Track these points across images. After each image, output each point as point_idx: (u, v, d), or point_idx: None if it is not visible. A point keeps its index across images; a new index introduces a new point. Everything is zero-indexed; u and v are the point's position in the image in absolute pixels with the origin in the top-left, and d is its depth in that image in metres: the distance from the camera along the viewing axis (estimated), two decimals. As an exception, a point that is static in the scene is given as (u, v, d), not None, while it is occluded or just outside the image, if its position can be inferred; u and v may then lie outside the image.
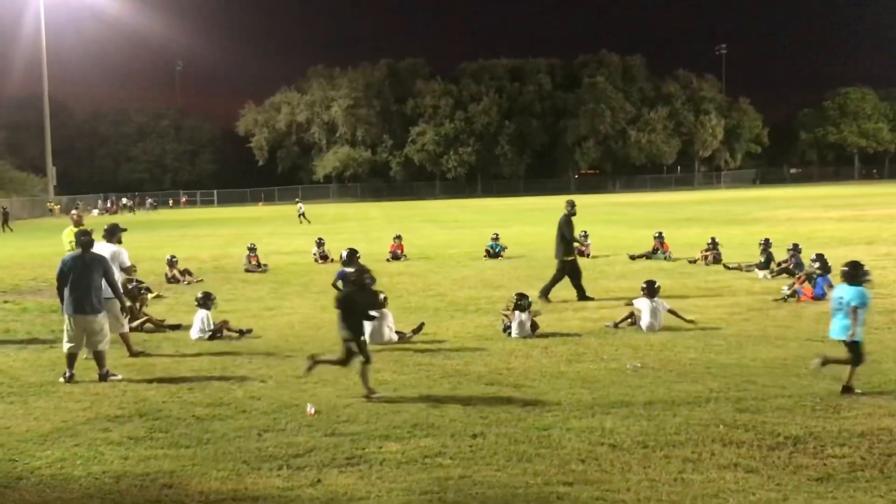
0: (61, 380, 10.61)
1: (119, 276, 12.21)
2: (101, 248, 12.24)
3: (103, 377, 10.66)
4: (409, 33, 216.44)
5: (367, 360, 9.58)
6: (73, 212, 14.10)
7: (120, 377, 10.71)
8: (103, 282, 11.15)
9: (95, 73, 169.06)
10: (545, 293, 16.65)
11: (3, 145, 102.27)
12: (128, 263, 12.55)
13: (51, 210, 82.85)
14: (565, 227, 17.03)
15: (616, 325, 13.40)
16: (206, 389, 10.08)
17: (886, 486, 6.46)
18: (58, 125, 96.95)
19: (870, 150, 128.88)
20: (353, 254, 13.29)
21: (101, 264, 11.19)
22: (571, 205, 17.22)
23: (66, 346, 10.92)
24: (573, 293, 16.98)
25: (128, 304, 12.72)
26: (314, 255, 26.34)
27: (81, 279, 10.89)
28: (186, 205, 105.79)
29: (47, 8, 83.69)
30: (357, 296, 9.88)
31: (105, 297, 11.25)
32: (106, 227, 13.10)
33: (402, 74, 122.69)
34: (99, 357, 10.89)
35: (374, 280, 10.29)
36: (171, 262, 21.93)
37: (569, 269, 16.97)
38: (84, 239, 11.29)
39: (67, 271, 10.97)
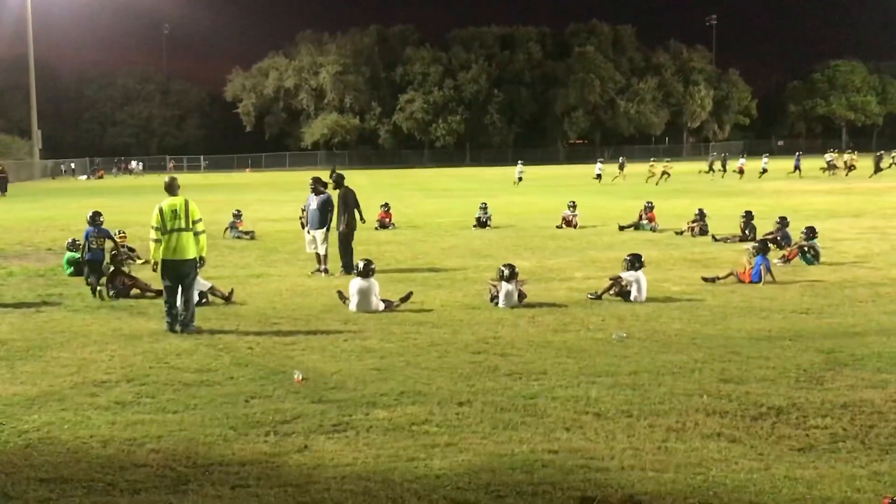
0: None
1: None
2: None
3: None
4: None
5: None
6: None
7: None
8: None
9: (82, 34, 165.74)
10: None
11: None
12: None
13: None
14: None
15: (598, 296, 13.43)
16: (193, 355, 10.10)
17: (867, 457, 6.54)
18: (44, 88, 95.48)
19: (858, 123, 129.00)
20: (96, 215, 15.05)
21: None
22: None
23: None
24: (562, 262, 16.97)
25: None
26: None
27: None
28: (173, 170, 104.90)
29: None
30: None
31: None
32: None
33: (392, 41, 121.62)
34: None
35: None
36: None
37: None
38: None
39: None
